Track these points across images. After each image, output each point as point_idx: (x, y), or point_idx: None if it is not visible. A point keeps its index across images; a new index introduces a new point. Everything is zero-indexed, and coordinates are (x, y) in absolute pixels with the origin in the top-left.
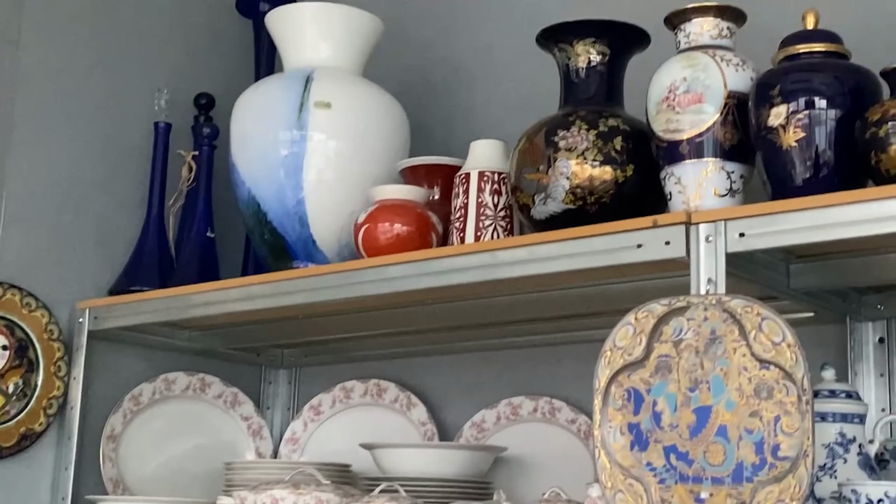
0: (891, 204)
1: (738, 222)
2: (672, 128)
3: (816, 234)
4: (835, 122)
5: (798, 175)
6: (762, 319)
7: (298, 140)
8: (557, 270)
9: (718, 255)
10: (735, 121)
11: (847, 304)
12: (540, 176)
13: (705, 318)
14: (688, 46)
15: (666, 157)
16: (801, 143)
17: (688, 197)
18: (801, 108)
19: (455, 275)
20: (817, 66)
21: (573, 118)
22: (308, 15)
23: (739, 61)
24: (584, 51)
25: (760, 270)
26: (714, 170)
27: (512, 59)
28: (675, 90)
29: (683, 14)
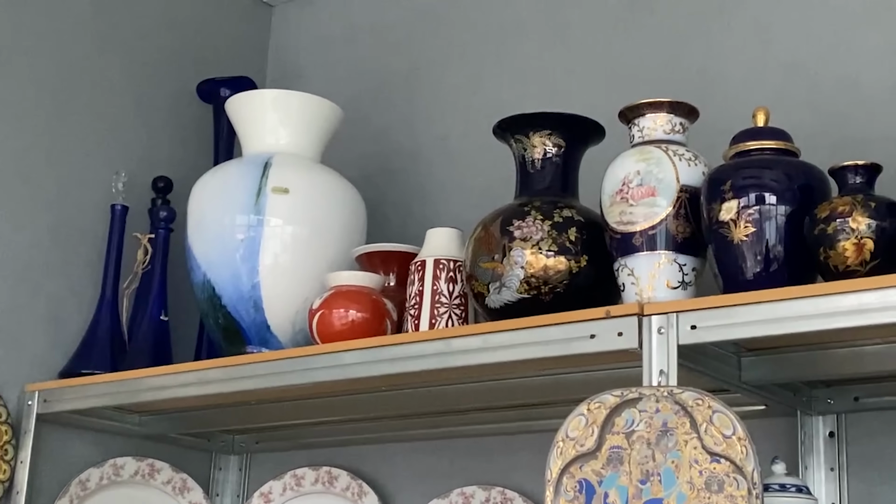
0: (839, 299)
1: (689, 315)
2: (626, 220)
3: (767, 327)
4: (784, 218)
5: (749, 269)
6: (713, 412)
7: (255, 225)
8: (511, 359)
9: (670, 346)
10: (687, 214)
11: (798, 397)
12: (495, 265)
13: (657, 409)
14: (641, 140)
15: (619, 249)
16: (751, 238)
17: (641, 288)
18: (751, 203)
19: (409, 362)
20: (768, 163)
21: (528, 208)
22: (268, 101)
23: (692, 156)
24: (541, 142)
25: (712, 363)
26: (667, 262)
27: (469, 148)
28: (629, 183)
29: (637, 109)
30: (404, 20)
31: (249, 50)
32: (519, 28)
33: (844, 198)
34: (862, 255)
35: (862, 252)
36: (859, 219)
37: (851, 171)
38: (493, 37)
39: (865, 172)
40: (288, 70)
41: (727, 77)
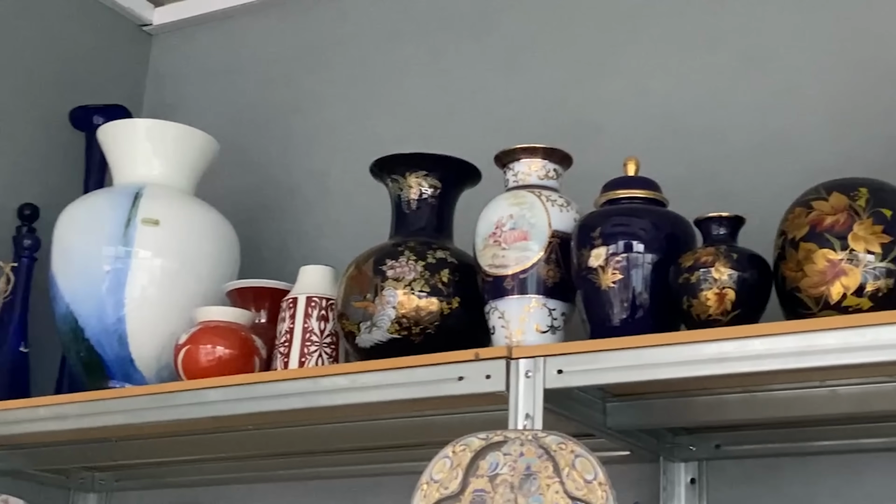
0: (701, 347)
1: (556, 359)
2: (498, 263)
3: (631, 373)
4: (651, 266)
5: (615, 315)
6: (576, 457)
7: (123, 256)
8: (379, 400)
9: (537, 390)
10: (558, 259)
11: (661, 444)
12: (367, 304)
13: (521, 453)
14: (516, 185)
15: (491, 292)
16: (618, 285)
17: (510, 332)
18: (619, 250)
19: (276, 401)
20: (636, 212)
21: (402, 248)
22: (141, 131)
23: (564, 202)
24: (416, 183)
25: (578, 407)
26: (537, 306)
27: (348, 186)
28: (502, 227)
29: (513, 153)
30: (287, 55)
31: (127, 78)
32: (402, 68)
33: (708, 248)
34: (723, 305)
35: (723, 302)
36: (721, 269)
37: (716, 223)
38: (376, 75)
39: (729, 224)
40: (166, 100)
41: (604, 126)
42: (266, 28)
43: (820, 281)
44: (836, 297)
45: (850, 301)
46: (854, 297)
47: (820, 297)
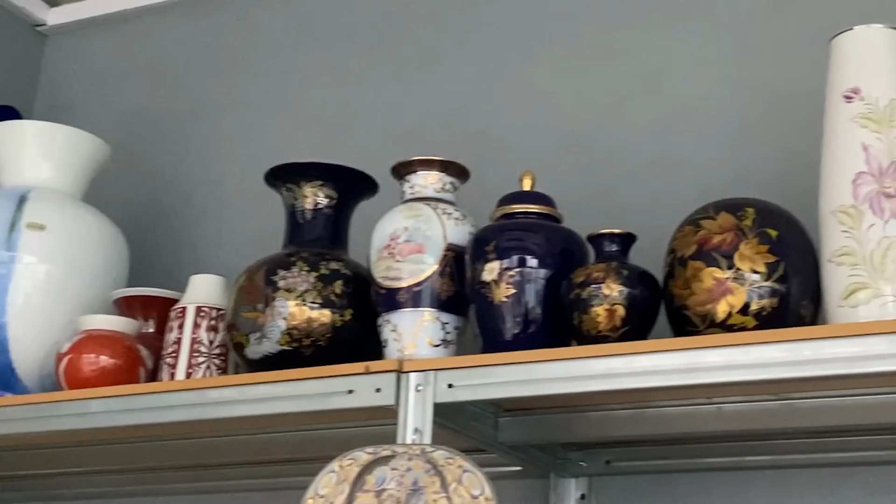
0: (590, 363)
1: (447, 373)
2: (392, 275)
3: (522, 388)
4: (544, 282)
5: (508, 330)
6: (463, 472)
7: (6, 261)
8: (268, 413)
9: (427, 404)
10: (452, 273)
11: (552, 459)
12: (257, 315)
13: (409, 468)
14: (412, 197)
15: (384, 304)
16: (511, 300)
17: (403, 345)
18: (513, 265)
19: (161, 413)
20: (531, 227)
21: (295, 259)
22: (30, 133)
23: (460, 215)
24: (312, 193)
25: (469, 422)
26: (430, 320)
27: (244, 195)
28: (397, 239)
29: (409, 165)
30: (184, 59)
31: (19, 78)
32: (302, 76)
33: (599, 264)
34: (613, 321)
35: (613, 318)
36: (612, 285)
37: (607, 239)
38: (276, 83)
39: (621, 241)
40: (58, 102)
41: (505, 140)
42: (164, 32)
43: (707, 299)
44: (721, 316)
45: (736, 319)
46: (739, 315)
47: (706, 315)
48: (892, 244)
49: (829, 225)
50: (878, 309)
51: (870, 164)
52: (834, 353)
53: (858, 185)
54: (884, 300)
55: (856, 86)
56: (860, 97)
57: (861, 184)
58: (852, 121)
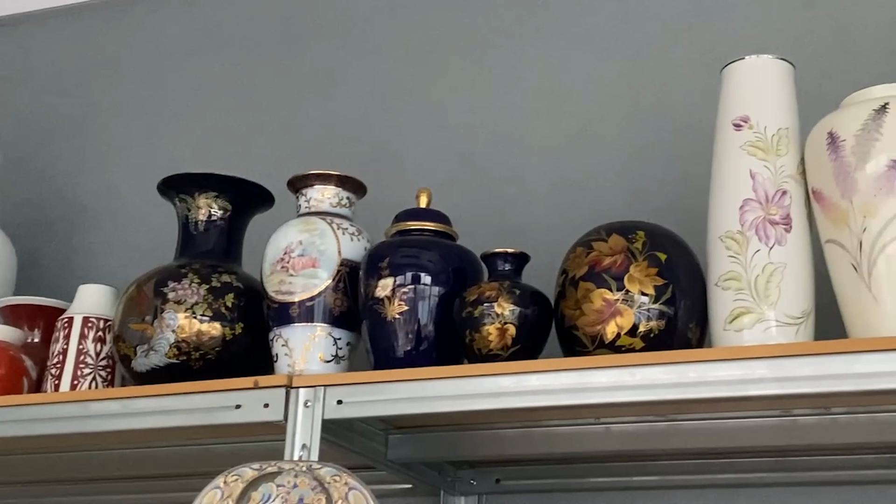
0: (480, 382)
1: (337, 389)
2: (284, 289)
3: (413, 406)
4: (437, 299)
5: (400, 347)
6: (350, 489)
7: None
8: (153, 426)
9: (315, 420)
10: (346, 288)
11: (442, 477)
12: (145, 327)
13: (295, 485)
14: (307, 211)
15: (276, 319)
16: (404, 316)
17: (294, 360)
18: (407, 282)
19: (43, 424)
20: (426, 244)
21: (186, 270)
22: None
23: (356, 231)
24: (206, 204)
25: (359, 439)
26: (322, 335)
27: (139, 204)
28: (291, 253)
29: (306, 179)
30: (80, 65)
31: None
32: (202, 85)
33: (492, 283)
34: (504, 340)
35: (504, 337)
36: (504, 304)
37: (501, 258)
38: (175, 91)
39: (514, 260)
40: None
41: (404, 157)
42: (59, 37)
43: (596, 320)
44: (610, 337)
45: (624, 341)
46: (627, 336)
47: (596, 336)
48: (776, 270)
49: (717, 250)
50: (761, 333)
51: (756, 191)
52: (718, 376)
53: (745, 212)
54: (767, 325)
55: (745, 114)
56: (749, 125)
57: (748, 210)
58: (741, 148)
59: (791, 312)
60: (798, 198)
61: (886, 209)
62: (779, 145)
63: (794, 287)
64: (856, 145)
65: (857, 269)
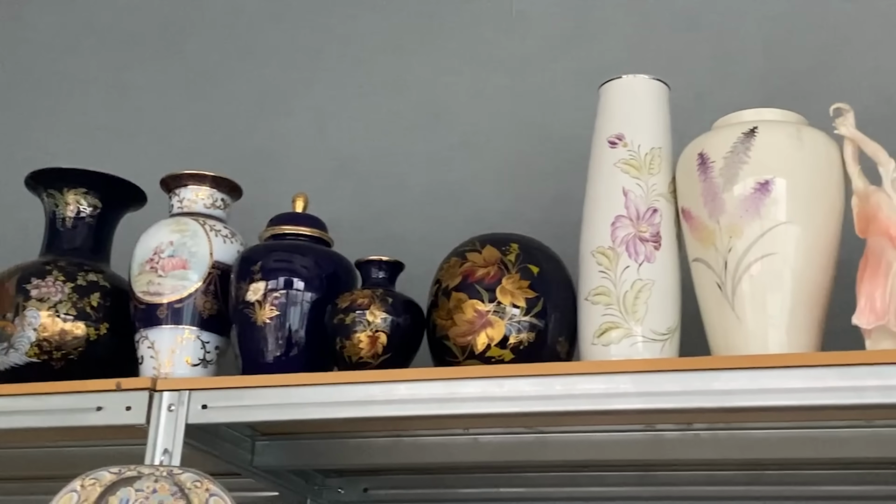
0: (348, 389)
1: (202, 393)
2: (153, 290)
3: (279, 412)
4: (309, 305)
5: (269, 352)
6: (210, 496)
7: None
8: (10, 427)
9: (178, 425)
10: (217, 291)
11: (310, 485)
12: (5, 324)
13: (154, 489)
14: (180, 211)
15: (143, 320)
16: (274, 321)
17: (160, 363)
18: (279, 286)
19: None
20: (299, 249)
21: (51, 267)
22: None
23: (229, 233)
24: (75, 200)
25: (224, 445)
26: (190, 338)
27: (7, 199)
28: (161, 253)
29: (179, 179)
30: None
31: None
32: (79, 81)
33: (365, 290)
34: (375, 348)
35: (375, 345)
36: (376, 312)
37: (375, 266)
38: (50, 86)
39: (388, 268)
40: None
41: (283, 161)
42: None
43: (467, 330)
44: (480, 348)
45: (494, 352)
46: (497, 348)
47: (466, 347)
48: (645, 286)
49: (588, 264)
50: (628, 348)
51: (628, 208)
52: (583, 390)
53: (617, 228)
54: (634, 340)
55: (620, 132)
56: (623, 143)
57: (619, 227)
58: (615, 165)
59: (657, 329)
60: (668, 216)
61: (751, 230)
62: (651, 164)
63: (662, 304)
64: (724, 167)
65: (722, 288)
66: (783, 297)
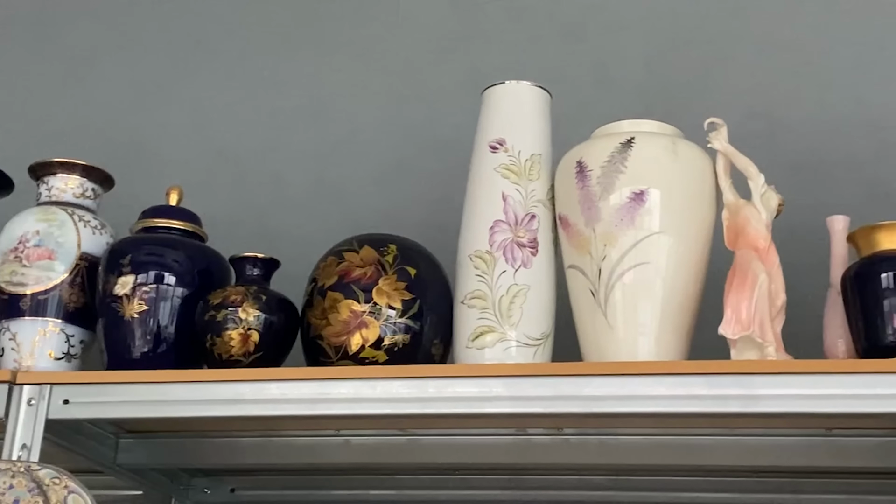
0: (219, 387)
1: (64, 388)
2: (16, 280)
3: (144, 409)
4: (180, 300)
5: (136, 348)
6: (69, 493)
7: None
8: None
9: (38, 420)
10: (84, 284)
11: (175, 485)
12: None
13: (11, 485)
14: (48, 200)
15: (5, 311)
16: (143, 316)
17: (21, 355)
18: (149, 281)
19: None
20: (171, 243)
21: None
22: None
23: (99, 224)
24: None
25: (86, 441)
26: (54, 331)
27: None
28: (26, 242)
29: (48, 167)
30: None
31: None
32: None
33: (238, 287)
34: (247, 346)
35: (247, 343)
36: (249, 309)
37: (250, 263)
38: None
39: (263, 266)
40: None
41: (160, 153)
42: None
43: (342, 330)
44: (354, 348)
45: (368, 353)
46: (372, 349)
47: (340, 347)
48: (521, 291)
49: (466, 268)
50: (501, 353)
51: (507, 213)
52: (456, 393)
53: (495, 233)
54: (508, 344)
55: (501, 137)
56: (504, 149)
57: (497, 231)
58: (495, 170)
59: (531, 334)
60: (546, 222)
61: (626, 239)
62: (531, 170)
63: (536, 309)
64: (602, 176)
65: (595, 295)
66: (654, 306)
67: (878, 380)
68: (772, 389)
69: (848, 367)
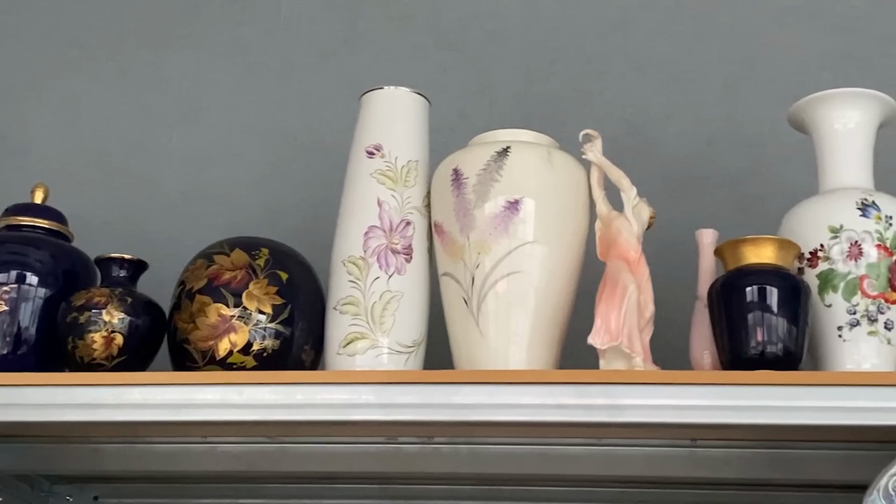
0: (79, 392)
1: None
2: None
3: (4, 413)
4: (43, 301)
5: None
6: None
7: None
8: None
9: None
10: None
11: (35, 492)
12: None
13: None
14: None
15: None
16: (3, 317)
17: None
18: (10, 280)
19: None
20: (35, 241)
21: None
22: None
23: None
24: None
25: None
26: None
27: None
28: None
29: None
30: None
31: None
32: None
33: (103, 289)
34: (110, 350)
35: (111, 346)
36: (113, 312)
37: (117, 264)
38: None
39: (130, 267)
40: None
41: (27, 149)
42: None
43: (210, 335)
44: (222, 353)
45: (236, 358)
46: (240, 354)
47: (207, 352)
48: (393, 298)
49: (339, 273)
50: (372, 360)
51: (382, 219)
52: (325, 399)
53: (369, 238)
54: (379, 351)
55: (378, 143)
56: (381, 154)
57: (372, 237)
58: (371, 176)
59: (403, 341)
60: (421, 229)
61: (499, 248)
62: (407, 176)
63: (409, 316)
64: (477, 184)
65: (468, 303)
66: (526, 315)
67: (741, 391)
68: (638, 399)
69: (712, 379)
